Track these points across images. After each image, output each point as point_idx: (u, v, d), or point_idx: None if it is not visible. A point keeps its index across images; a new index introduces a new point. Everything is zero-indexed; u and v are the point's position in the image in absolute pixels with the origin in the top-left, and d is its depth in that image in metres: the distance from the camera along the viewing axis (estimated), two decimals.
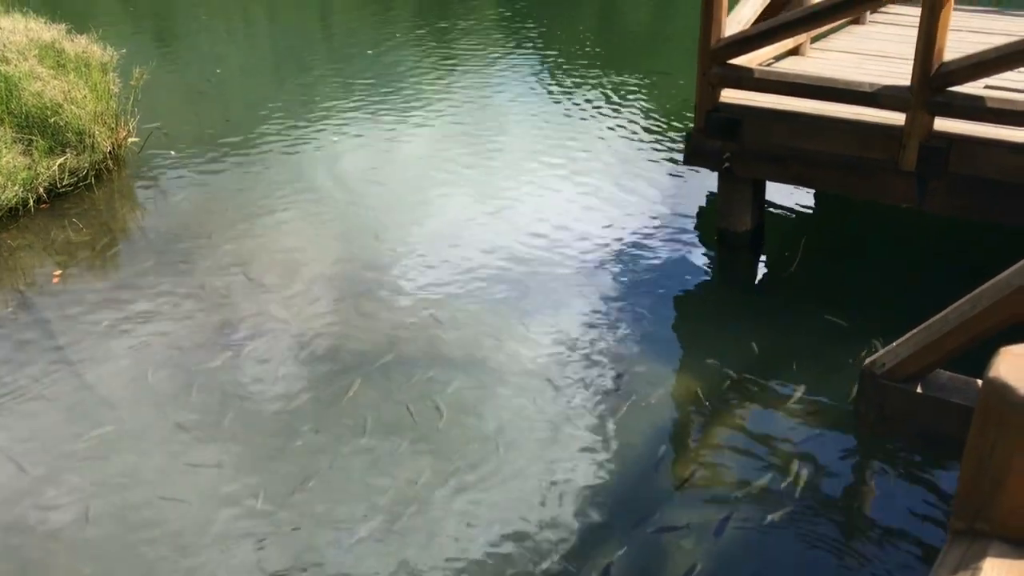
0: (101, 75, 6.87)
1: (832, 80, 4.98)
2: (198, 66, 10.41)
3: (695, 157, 5.58)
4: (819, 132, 5.06)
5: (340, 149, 7.64)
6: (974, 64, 4.54)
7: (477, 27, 12.21)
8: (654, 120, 8.23)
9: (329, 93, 9.13)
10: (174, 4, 14.14)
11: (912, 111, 4.68)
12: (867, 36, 6.60)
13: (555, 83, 9.50)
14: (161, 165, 7.19)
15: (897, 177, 4.87)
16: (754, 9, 5.42)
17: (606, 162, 7.22)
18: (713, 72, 5.26)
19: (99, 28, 8.29)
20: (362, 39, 11.72)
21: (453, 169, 7.16)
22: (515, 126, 8.17)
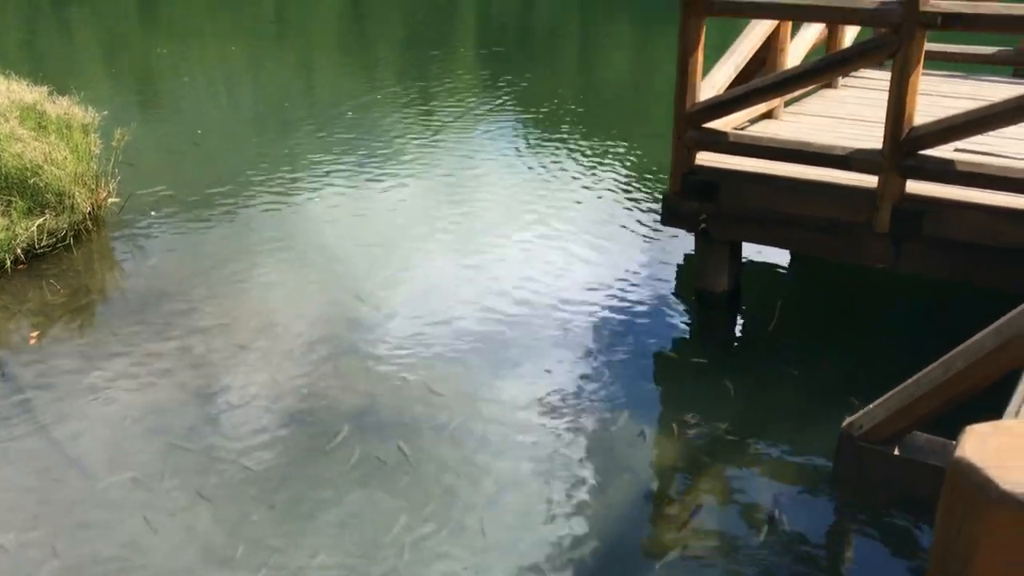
0: (82, 136, 6.89)
1: (805, 144, 5.07)
2: (180, 126, 10.47)
3: (672, 219, 5.65)
4: (794, 195, 5.13)
5: (321, 208, 7.67)
6: (943, 129, 4.64)
7: (458, 86, 12.37)
8: (633, 179, 8.33)
9: (311, 153, 9.19)
10: (156, 66, 14.26)
11: (884, 174, 4.77)
12: (839, 100, 6.74)
13: (535, 142, 9.61)
14: (141, 225, 7.18)
15: (872, 239, 4.94)
16: (727, 74, 5.53)
17: (585, 221, 7.28)
18: (688, 135, 5.35)
19: (82, 89, 8.34)
20: (343, 99, 11.84)
21: (434, 227, 7.20)
22: (495, 185, 8.24)
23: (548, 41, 17.30)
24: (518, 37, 18.04)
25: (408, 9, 21.66)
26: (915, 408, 3.40)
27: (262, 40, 17.41)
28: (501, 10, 22.09)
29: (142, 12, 21.94)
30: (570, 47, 16.80)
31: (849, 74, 7.19)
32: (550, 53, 15.88)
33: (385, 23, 19.72)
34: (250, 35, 17.83)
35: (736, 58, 5.69)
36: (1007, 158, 4.97)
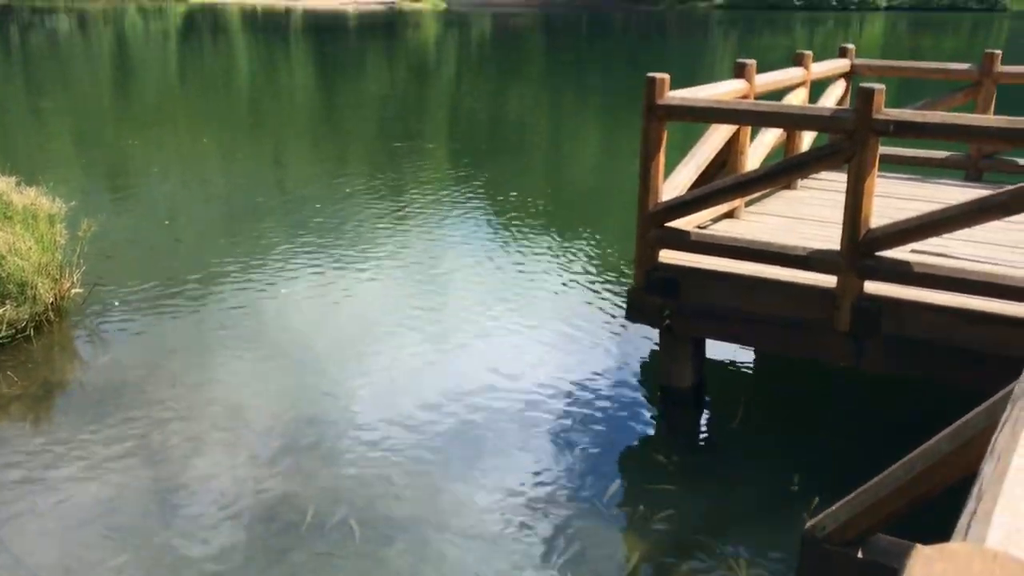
0: (48, 226, 6.88)
1: (766, 244, 5.17)
2: (148, 217, 10.48)
3: (636, 314, 5.70)
4: (755, 293, 5.22)
5: (288, 300, 7.66)
6: (899, 231, 4.77)
7: (427, 178, 12.53)
8: (599, 273, 8.42)
9: (279, 244, 9.21)
10: (127, 157, 14.34)
11: (843, 275, 4.87)
12: (799, 200, 6.91)
13: (502, 234, 9.71)
14: (104, 316, 7.11)
15: (833, 337, 5.01)
16: (689, 175, 5.67)
17: (551, 315, 7.32)
18: (651, 234, 5.44)
19: (51, 179, 8.36)
20: (313, 191, 11.94)
21: (401, 319, 7.21)
22: (462, 278, 8.29)
23: (516, 136, 17.66)
24: (487, 132, 18.40)
25: (379, 104, 22.09)
26: (878, 509, 3.39)
27: (234, 131, 17.62)
28: (470, 105, 22.60)
29: (115, 102, 22.17)
30: (538, 142, 17.15)
31: (808, 176, 7.39)
32: (518, 148, 16.20)
33: (356, 118, 20.06)
34: (223, 126, 18.04)
35: (697, 159, 5.84)
36: (960, 259, 5.10)
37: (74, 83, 26.20)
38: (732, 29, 60.10)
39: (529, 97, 24.50)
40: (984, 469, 1.76)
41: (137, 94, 24.07)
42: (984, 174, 7.82)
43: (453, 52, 42.11)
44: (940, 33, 57.12)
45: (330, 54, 38.53)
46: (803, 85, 7.21)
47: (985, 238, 5.59)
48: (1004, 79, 7.69)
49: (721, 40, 50.47)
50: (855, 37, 52.08)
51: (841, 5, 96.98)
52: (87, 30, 52.61)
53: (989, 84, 7.65)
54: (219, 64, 33.29)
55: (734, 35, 54.26)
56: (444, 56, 39.49)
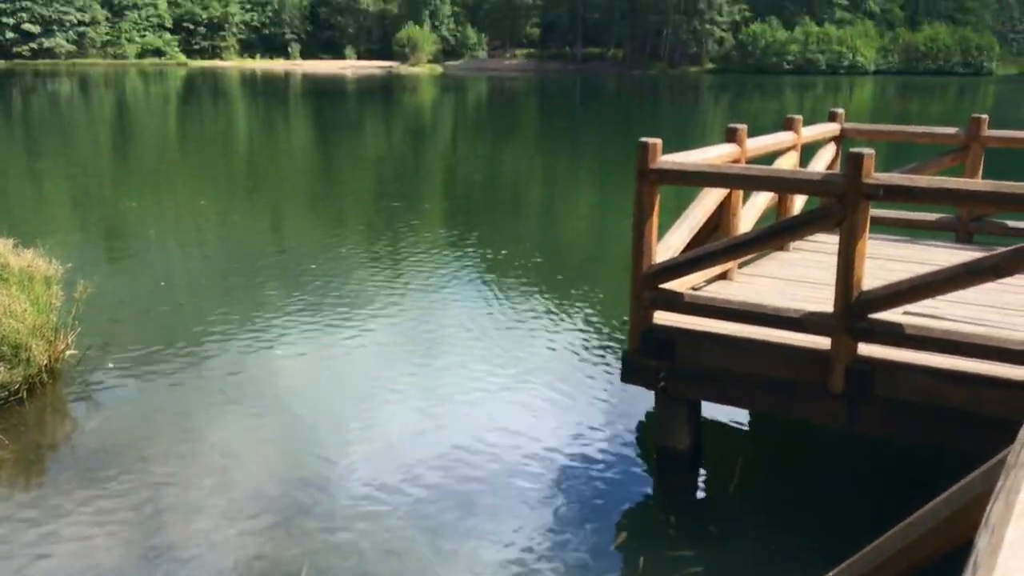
0: (44, 288, 6.90)
1: (759, 306, 5.20)
2: (144, 279, 10.51)
3: (631, 376, 5.70)
4: (750, 355, 5.23)
5: (283, 361, 7.65)
6: (891, 293, 4.80)
7: (423, 239, 12.61)
8: (595, 333, 8.43)
9: (274, 305, 9.23)
10: (125, 219, 14.43)
11: (836, 337, 4.89)
12: (791, 262, 6.96)
13: (498, 294, 9.74)
14: (98, 378, 7.09)
15: (827, 399, 5.01)
16: (682, 237, 5.72)
17: (547, 376, 7.31)
18: (645, 295, 5.48)
19: (49, 241, 8.41)
20: (310, 252, 12.00)
21: (396, 381, 7.20)
22: (458, 339, 8.29)
23: (512, 197, 17.83)
24: (482, 192, 18.57)
25: (376, 166, 22.33)
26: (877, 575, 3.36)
27: (232, 193, 17.76)
28: (466, 166, 22.84)
29: (115, 164, 22.38)
30: (533, 203, 17.30)
31: (800, 238, 7.46)
32: (513, 208, 16.34)
33: (354, 179, 20.25)
34: (221, 188, 18.20)
35: (690, 222, 5.90)
36: (952, 321, 5.13)
37: (74, 145, 26.47)
38: (723, 93, 61.08)
39: (524, 158, 24.79)
40: (979, 542, 1.76)
41: (136, 156, 24.30)
42: (974, 236, 7.90)
43: (449, 115, 42.69)
44: (927, 97, 58.11)
45: (328, 117, 39.03)
46: (794, 149, 7.32)
47: (976, 299, 5.63)
48: (991, 143, 7.81)
49: (712, 104, 51.27)
50: (845, 101, 52.96)
51: (830, 69, 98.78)
52: (88, 93, 53.32)
53: (976, 148, 7.77)
54: (218, 127, 33.68)
55: (725, 99, 55.13)
56: (440, 118, 40.02)
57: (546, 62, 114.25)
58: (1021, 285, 6.05)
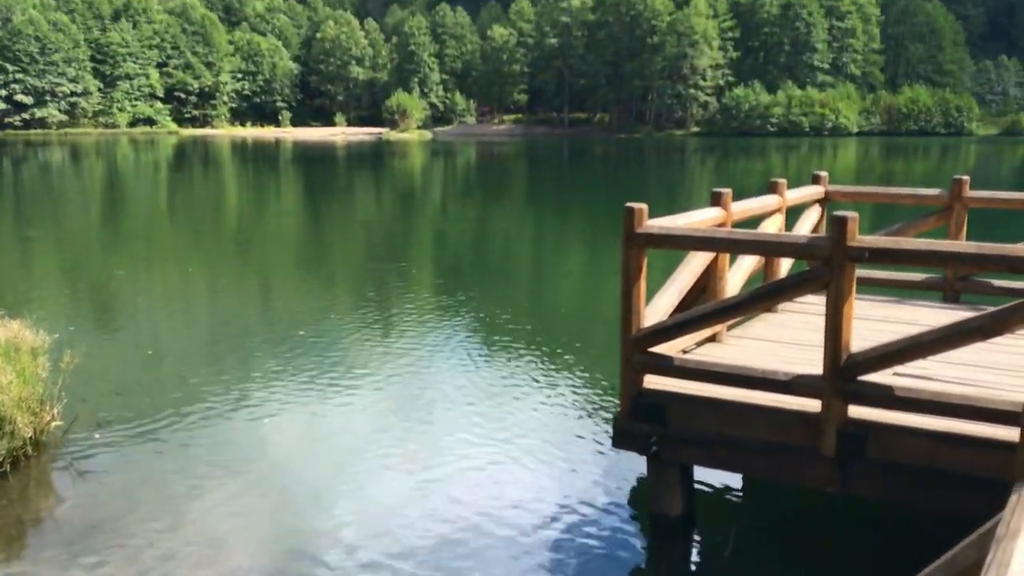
0: (31, 359, 6.85)
1: (748, 369, 5.20)
2: (131, 348, 10.44)
3: (623, 441, 5.66)
4: (741, 418, 5.21)
5: (272, 430, 7.57)
6: (880, 355, 4.81)
7: (414, 302, 12.60)
8: (587, 397, 8.39)
9: (263, 372, 9.18)
10: (113, 287, 14.40)
11: (826, 399, 4.88)
12: (780, 324, 6.98)
13: (489, 361, 9.71)
14: (84, 450, 7.00)
15: (819, 462, 4.98)
16: (670, 301, 5.73)
17: (540, 440, 7.25)
18: (635, 359, 5.47)
19: (36, 311, 8.38)
20: (299, 317, 11.97)
21: (387, 446, 7.14)
22: (448, 404, 8.23)
23: (501, 259, 17.90)
24: (472, 255, 18.64)
25: (366, 230, 22.43)
26: None
27: (221, 259, 17.78)
28: (456, 229, 22.96)
29: (104, 232, 22.42)
30: (523, 265, 17.37)
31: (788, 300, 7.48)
32: (503, 271, 16.39)
33: (343, 243, 20.32)
34: (210, 255, 18.21)
35: (678, 285, 5.92)
36: (942, 382, 5.13)
37: (63, 213, 26.55)
38: (709, 155, 61.91)
39: (513, 221, 24.96)
40: None
41: (125, 224, 24.37)
42: (961, 295, 7.94)
43: (439, 179, 43.06)
44: (911, 157, 58.99)
45: (318, 182, 39.32)
46: (779, 212, 7.39)
47: (966, 359, 5.63)
48: (973, 203, 7.91)
49: (699, 166, 51.91)
50: (829, 162, 53.72)
51: (814, 131, 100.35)
52: (79, 162, 53.66)
53: (959, 208, 7.86)
54: (208, 194, 33.87)
55: (711, 161, 55.85)
56: (430, 183, 40.36)
57: (534, 127, 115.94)
58: (1011, 344, 6.08)
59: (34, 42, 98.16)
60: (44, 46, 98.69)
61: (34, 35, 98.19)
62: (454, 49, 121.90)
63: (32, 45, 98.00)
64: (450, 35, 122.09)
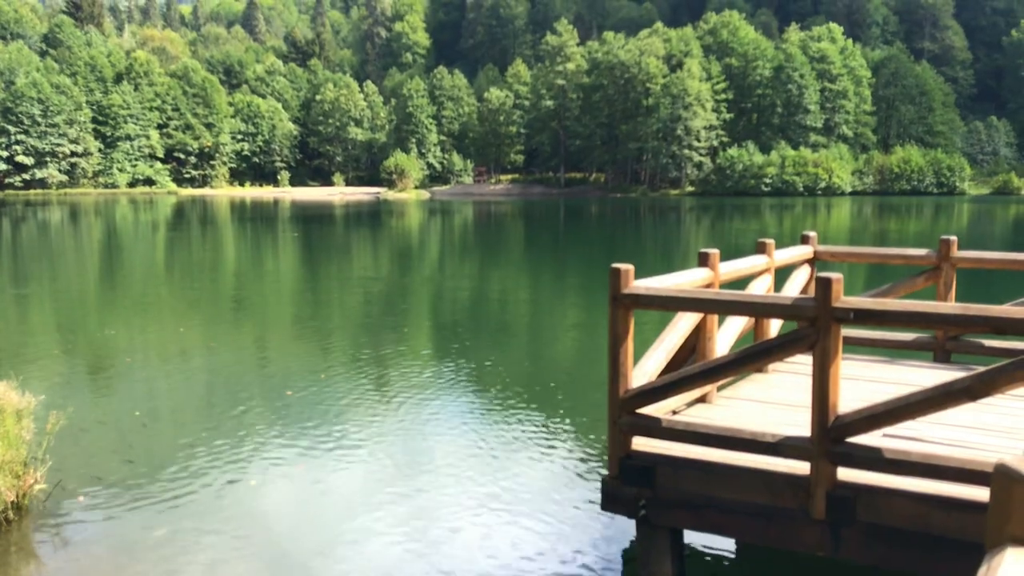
0: (15, 421, 6.79)
1: (737, 430, 5.16)
2: (119, 409, 10.36)
3: (611, 504, 5.59)
4: (730, 481, 5.15)
5: (264, 492, 7.48)
6: (868, 417, 4.78)
7: (408, 362, 12.55)
8: (578, 457, 8.31)
9: (255, 434, 9.09)
10: (103, 347, 14.35)
11: (814, 462, 4.83)
12: (769, 384, 6.95)
13: (481, 420, 9.64)
14: (68, 514, 6.90)
15: (809, 526, 4.92)
16: (659, 361, 5.72)
17: (530, 504, 7.17)
18: (623, 420, 5.43)
19: (26, 369, 8.33)
20: (292, 377, 11.90)
21: (382, 508, 7.09)
22: (440, 465, 8.16)
23: (496, 317, 17.88)
24: (467, 312, 18.63)
25: (362, 287, 22.45)
26: None
27: (214, 319, 17.74)
28: (451, 286, 22.98)
29: (98, 291, 22.41)
30: (517, 322, 17.34)
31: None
32: (498, 328, 16.36)
33: (339, 301, 20.32)
34: (203, 314, 18.18)
35: (667, 345, 5.91)
36: (932, 443, 5.09)
37: (59, 272, 26.57)
38: (704, 214, 62.35)
39: (509, 279, 25.01)
40: None
41: (120, 283, 24.37)
42: (952, 355, 7.92)
43: (436, 237, 43.26)
44: (904, 216, 59.44)
45: (316, 241, 39.48)
46: (767, 272, 7.41)
47: (956, 420, 5.60)
48: (962, 263, 7.94)
49: (694, 225, 52.24)
50: (823, 221, 54.09)
51: (807, 191, 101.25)
52: (78, 221, 53.92)
53: (948, 269, 7.89)
54: (205, 252, 33.97)
55: (706, 220, 56.22)
56: (427, 241, 40.53)
57: (530, 186, 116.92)
58: (1001, 405, 6.05)
59: (37, 104, 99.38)
60: (47, 108, 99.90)
61: (37, 97, 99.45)
62: (451, 111, 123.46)
63: (35, 107, 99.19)
64: (448, 97, 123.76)
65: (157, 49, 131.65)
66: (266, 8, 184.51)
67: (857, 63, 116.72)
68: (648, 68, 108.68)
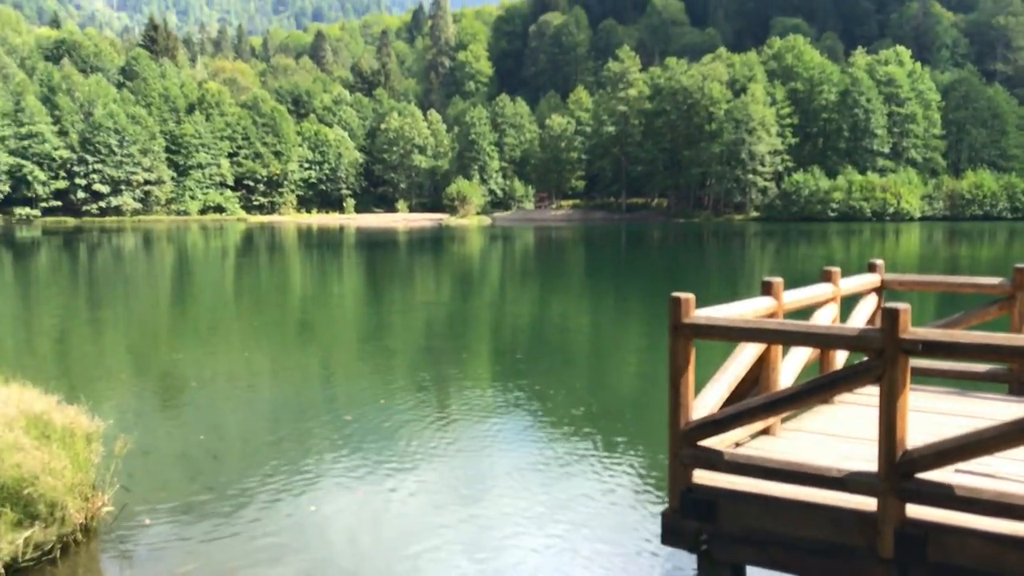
0: (84, 445, 6.95)
1: (802, 464, 5.03)
2: (184, 433, 10.55)
3: (671, 538, 5.49)
4: (794, 516, 5.02)
5: (325, 514, 7.55)
6: (938, 452, 4.62)
7: (469, 389, 12.57)
8: (639, 487, 8.20)
9: (317, 457, 9.18)
10: (169, 372, 14.66)
11: (882, 498, 4.68)
12: (835, 416, 6.76)
13: (542, 448, 9.58)
14: (134, 536, 7.03)
15: (877, 565, 4.76)
16: (720, 393, 5.62)
17: (588, 534, 7.10)
18: (684, 453, 5.34)
19: (93, 396, 8.54)
20: (355, 402, 12.00)
21: (442, 531, 7.16)
22: (502, 491, 8.15)
23: (557, 343, 17.82)
24: (528, 338, 18.60)
25: (424, 312, 22.59)
26: None
27: (281, 343, 18.01)
28: (512, 312, 23.00)
29: (167, 315, 22.95)
30: (578, 349, 17.26)
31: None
32: (559, 355, 16.30)
33: (402, 326, 20.47)
34: (269, 339, 18.48)
35: (729, 376, 5.80)
36: (1008, 480, 4.90)
37: (131, 296, 27.32)
38: (769, 240, 61.50)
39: (570, 305, 24.93)
40: None
41: (189, 307, 24.94)
42: None
43: (496, 263, 43.42)
44: (976, 242, 57.82)
45: (380, 266, 39.95)
46: (833, 301, 7.25)
47: None
48: None
49: (759, 251, 51.54)
50: (892, 247, 52.93)
51: (875, 216, 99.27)
52: (151, 247, 55.44)
53: (1023, 298, 7.62)
54: (272, 278, 34.60)
55: (771, 246, 55.44)
56: (488, 266, 40.70)
57: (592, 212, 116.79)
58: None
59: (113, 134, 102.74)
60: (123, 138, 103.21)
61: (113, 127, 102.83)
62: (513, 137, 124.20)
63: (111, 137, 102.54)
64: (509, 124, 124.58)
65: (228, 80, 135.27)
66: (333, 39, 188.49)
67: (926, 86, 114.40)
68: (711, 93, 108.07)
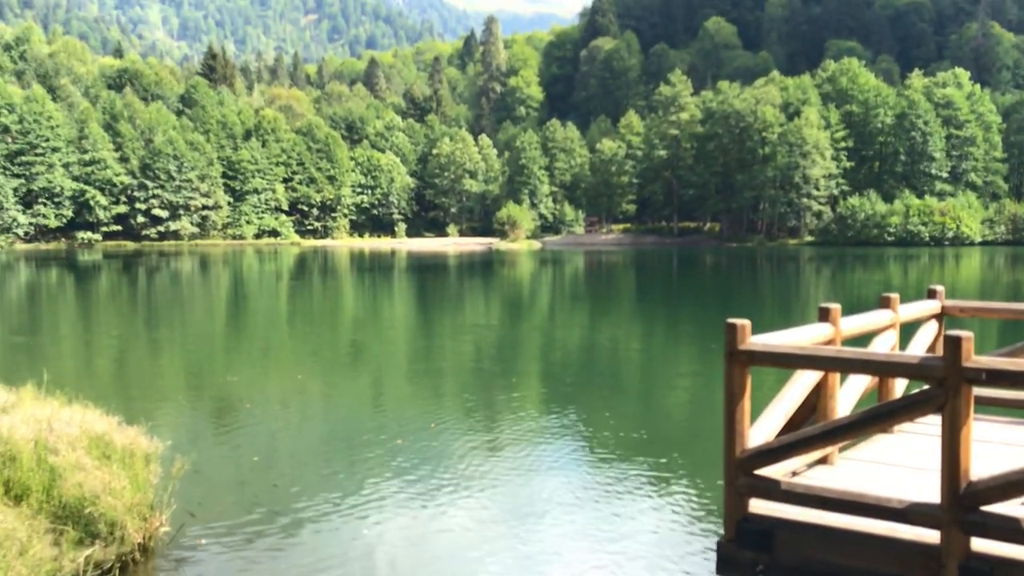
0: (144, 465, 7.07)
1: (861, 495, 4.93)
2: (238, 454, 10.68)
3: (727, 567, 5.41)
4: (854, 548, 4.92)
5: (378, 535, 7.61)
6: (1004, 484, 4.49)
7: (520, 414, 12.54)
8: (692, 515, 8.10)
9: (369, 479, 9.24)
10: (224, 393, 14.87)
11: (945, 530, 4.57)
12: (895, 446, 6.62)
13: (593, 474, 9.52)
14: (190, 557, 7.13)
15: None
16: (776, 421, 5.54)
17: (640, 562, 7.02)
18: (740, 482, 5.27)
19: (152, 417, 8.70)
20: (406, 426, 12.05)
21: (492, 559, 7.14)
22: (553, 516, 8.12)
23: (608, 367, 17.72)
24: (579, 362, 18.53)
25: (475, 336, 22.66)
26: None
27: (332, 366, 18.20)
28: (563, 336, 22.96)
29: (223, 337, 23.33)
30: (630, 374, 17.16)
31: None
32: (610, 379, 16.21)
33: (453, 349, 20.55)
34: (322, 361, 18.68)
35: (786, 404, 5.72)
36: None
37: (188, 318, 27.85)
38: (824, 265, 60.60)
39: (621, 330, 24.80)
40: None
41: (244, 330, 25.33)
42: None
43: (547, 287, 43.42)
44: None
45: (431, 290, 40.21)
46: (892, 328, 7.11)
47: None
48: None
49: (814, 276, 50.80)
50: (951, 272, 51.81)
51: (934, 241, 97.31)
52: (207, 271, 56.49)
53: None
54: (325, 301, 35.01)
55: (826, 271, 54.62)
56: (538, 291, 40.71)
57: (643, 236, 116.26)
58: None
59: (172, 160, 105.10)
60: (181, 164, 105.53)
61: (172, 154, 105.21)
62: (563, 162, 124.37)
63: (170, 163, 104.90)
64: (560, 149, 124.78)
65: (284, 107, 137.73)
66: (387, 66, 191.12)
67: (986, 108, 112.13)
68: (764, 116, 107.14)
